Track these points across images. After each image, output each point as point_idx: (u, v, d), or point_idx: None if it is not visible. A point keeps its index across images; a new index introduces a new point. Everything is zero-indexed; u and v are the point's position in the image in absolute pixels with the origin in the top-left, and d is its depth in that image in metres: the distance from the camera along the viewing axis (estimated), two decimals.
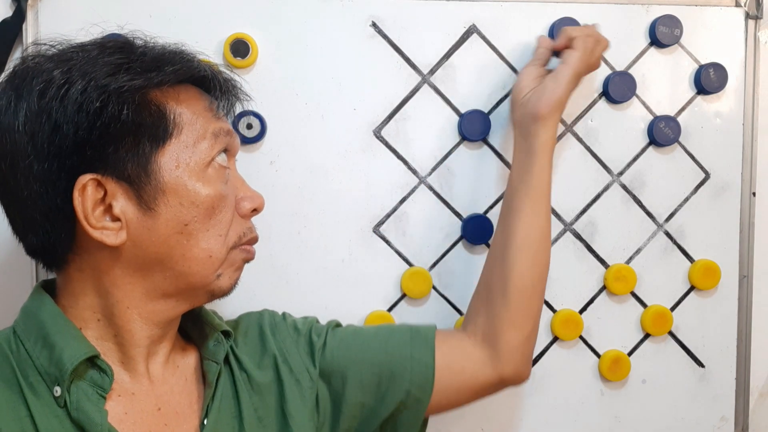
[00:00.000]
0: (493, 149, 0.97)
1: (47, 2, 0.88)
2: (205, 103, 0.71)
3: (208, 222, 0.68)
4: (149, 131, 0.65)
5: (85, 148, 0.63)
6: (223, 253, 0.69)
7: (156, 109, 0.66)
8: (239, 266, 0.73)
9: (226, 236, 0.69)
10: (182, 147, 0.67)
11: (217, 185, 0.68)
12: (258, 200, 0.73)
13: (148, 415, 0.69)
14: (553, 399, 1.01)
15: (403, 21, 0.94)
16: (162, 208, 0.66)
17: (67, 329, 0.66)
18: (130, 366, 0.70)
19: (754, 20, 1.01)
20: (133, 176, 0.65)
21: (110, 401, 0.67)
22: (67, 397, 0.64)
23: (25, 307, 0.70)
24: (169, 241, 0.66)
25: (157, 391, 0.71)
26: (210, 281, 0.69)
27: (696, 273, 1.01)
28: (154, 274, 0.68)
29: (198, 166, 0.67)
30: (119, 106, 0.63)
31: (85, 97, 0.63)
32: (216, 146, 0.69)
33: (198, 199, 0.67)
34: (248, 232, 0.73)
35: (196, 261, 0.68)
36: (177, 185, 0.66)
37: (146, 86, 0.65)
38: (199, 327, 0.76)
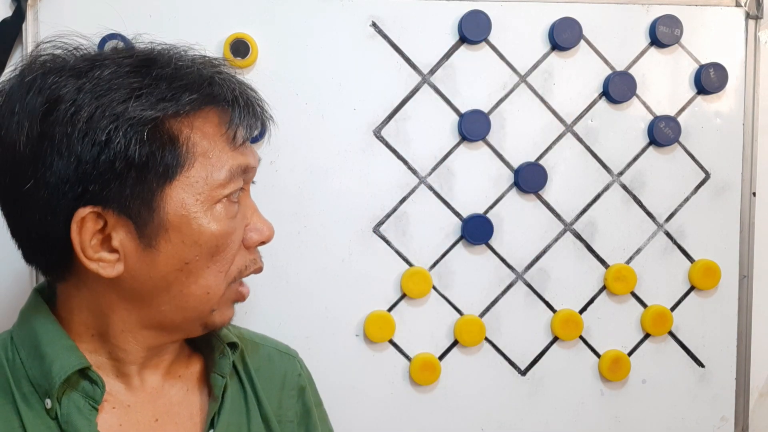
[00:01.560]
0: (493, 149, 0.97)
1: (47, 2, 0.88)
2: (223, 129, 0.64)
3: (210, 259, 0.64)
4: (157, 166, 0.60)
5: (87, 182, 0.59)
6: (222, 289, 0.66)
7: (168, 140, 0.61)
8: (230, 306, 0.70)
9: (227, 272, 0.66)
10: (192, 182, 0.62)
11: (223, 223, 0.64)
12: (266, 233, 0.69)
13: (144, 426, 0.68)
14: (553, 399, 1.01)
15: (403, 21, 0.94)
16: (163, 245, 0.62)
17: (60, 340, 0.65)
18: (125, 379, 0.68)
19: (754, 20, 1.01)
20: (135, 211, 0.61)
21: (104, 413, 0.66)
22: (58, 408, 0.63)
23: (22, 312, 0.70)
24: (168, 277, 0.63)
25: (155, 403, 0.69)
26: (205, 316, 0.67)
27: (696, 273, 1.01)
28: (151, 305, 0.65)
29: (207, 202, 0.63)
30: (127, 139, 0.58)
31: (91, 126, 0.58)
32: (231, 185, 0.64)
33: (201, 239, 0.63)
34: (251, 264, 0.69)
35: (193, 297, 0.65)
36: (180, 223, 0.62)
37: (159, 117, 0.60)
38: (205, 337, 0.74)
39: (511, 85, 0.97)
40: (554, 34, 0.96)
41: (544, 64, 0.97)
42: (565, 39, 0.96)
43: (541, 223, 0.99)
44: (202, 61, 0.65)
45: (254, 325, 0.90)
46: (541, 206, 0.99)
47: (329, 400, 0.90)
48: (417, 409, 0.98)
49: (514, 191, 0.98)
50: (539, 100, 0.98)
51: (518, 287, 0.99)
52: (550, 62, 0.97)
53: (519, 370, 1.00)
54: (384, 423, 0.97)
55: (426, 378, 0.97)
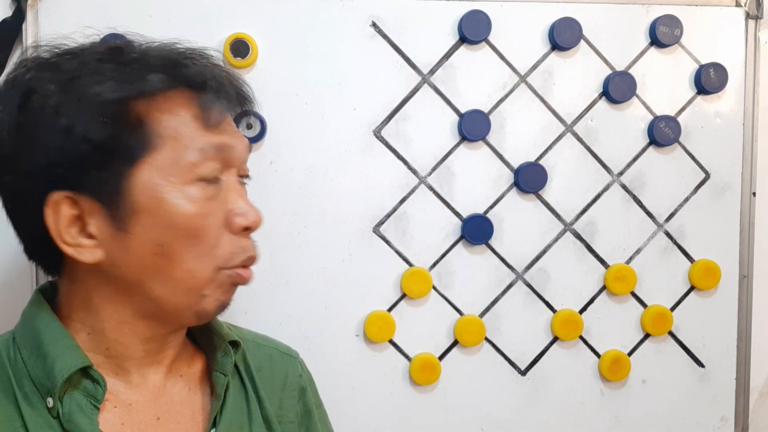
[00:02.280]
0: (493, 149, 0.97)
1: (47, 2, 0.88)
2: (194, 110, 0.64)
3: (188, 242, 0.63)
4: (124, 148, 0.61)
5: (57, 168, 0.61)
6: (208, 273, 0.64)
7: (134, 122, 0.61)
8: (228, 289, 0.67)
9: (212, 256, 0.64)
10: (161, 163, 0.62)
11: (197, 204, 0.63)
12: (251, 217, 0.66)
13: (146, 425, 0.68)
14: (553, 399, 1.01)
15: (403, 21, 0.94)
16: (136, 228, 0.62)
17: (62, 339, 0.65)
18: (125, 377, 0.68)
19: (754, 20, 1.01)
20: (106, 195, 0.61)
21: (106, 412, 0.66)
22: (60, 408, 0.63)
23: (24, 312, 0.70)
24: (145, 261, 0.63)
25: (156, 401, 0.69)
26: (193, 302, 0.65)
27: (696, 273, 1.01)
28: (138, 294, 0.65)
29: (178, 185, 0.62)
30: (89, 124, 0.59)
31: (58, 113, 0.60)
32: (204, 165, 0.63)
33: (174, 221, 0.62)
34: (242, 252, 0.66)
35: (177, 282, 0.64)
36: (151, 205, 0.62)
37: (126, 98, 0.61)
38: (208, 336, 0.74)
39: (511, 85, 0.97)
40: (554, 34, 0.96)
41: (544, 64, 0.97)
42: (565, 39, 0.96)
43: (541, 223, 0.99)
44: (176, 48, 0.66)
45: (254, 325, 0.90)
46: (541, 206, 0.99)
47: (329, 400, 0.90)
48: (417, 409, 0.98)
49: (514, 191, 0.98)
50: (539, 100, 0.98)
51: (518, 287, 0.99)
52: (550, 62, 0.97)
53: (519, 370, 1.00)
54: (384, 423, 0.97)
55: (426, 378, 0.97)
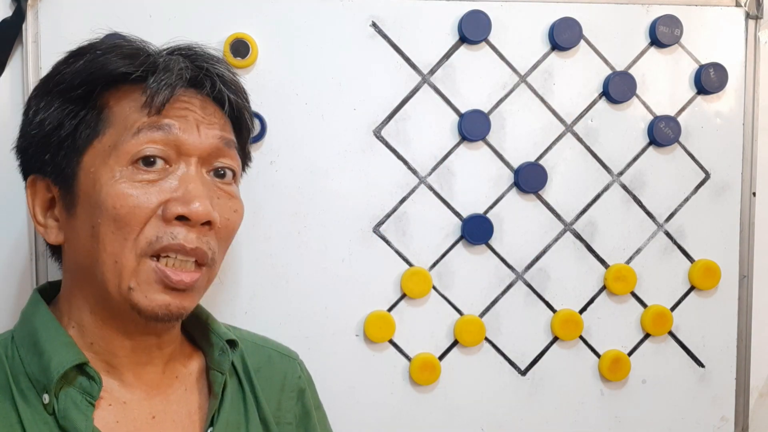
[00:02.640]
0: (493, 149, 0.97)
1: (47, 2, 0.88)
2: (141, 97, 0.64)
3: (113, 224, 0.62)
4: (77, 135, 0.65)
5: (27, 153, 0.68)
6: (130, 261, 0.63)
7: (90, 109, 0.65)
8: (159, 287, 0.64)
9: (135, 241, 0.63)
10: (103, 148, 0.64)
11: (125, 185, 0.63)
12: (193, 207, 0.63)
13: (141, 423, 0.68)
14: (553, 399, 1.01)
15: (403, 21, 0.94)
16: (79, 210, 0.65)
17: (58, 336, 0.66)
18: (118, 375, 0.68)
19: (754, 20, 1.01)
20: (62, 179, 0.66)
21: (101, 410, 0.66)
22: (56, 404, 0.63)
23: (23, 312, 0.71)
24: (86, 244, 0.64)
25: (152, 400, 0.70)
26: (124, 293, 0.63)
27: (696, 273, 1.01)
28: (89, 281, 0.66)
29: (113, 167, 0.63)
30: (48, 112, 0.65)
31: (30, 105, 0.68)
32: (138, 146, 0.63)
33: (101, 200, 0.63)
34: (165, 237, 0.63)
35: (104, 266, 0.63)
36: (88, 187, 0.64)
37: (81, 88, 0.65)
38: (205, 335, 0.75)
39: (511, 85, 0.97)
40: (554, 34, 0.96)
41: (544, 64, 0.97)
42: (565, 39, 0.96)
43: (541, 223, 0.99)
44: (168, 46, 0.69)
45: (254, 325, 0.90)
46: (541, 206, 0.99)
47: (329, 400, 0.90)
48: (417, 409, 0.98)
49: (514, 191, 0.98)
50: (539, 100, 0.98)
51: (518, 287, 0.99)
52: (550, 62, 0.97)
53: (519, 370, 1.00)
54: (384, 423, 0.97)
55: (426, 378, 0.97)
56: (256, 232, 0.93)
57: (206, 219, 0.64)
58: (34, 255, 0.89)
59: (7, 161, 0.75)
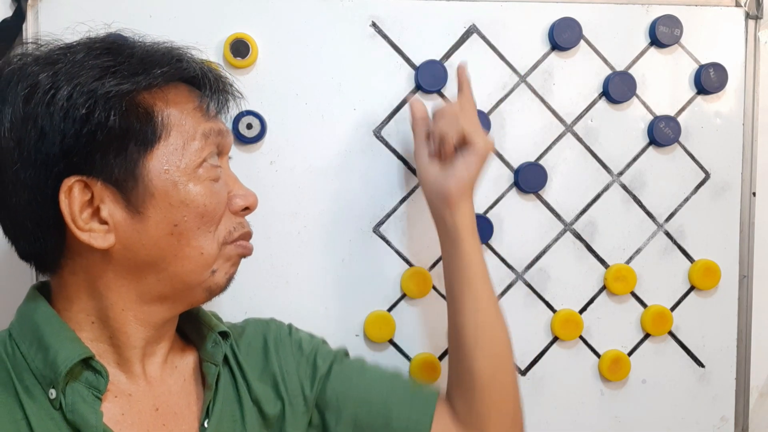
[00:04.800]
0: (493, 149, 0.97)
1: (47, 2, 0.88)
2: (195, 102, 0.69)
3: (199, 221, 0.67)
4: (137, 136, 0.64)
5: (71, 155, 0.63)
6: (215, 249, 0.69)
7: (144, 112, 0.65)
8: (235, 261, 0.72)
9: (216, 233, 0.69)
10: (171, 149, 0.66)
11: (207, 184, 0.68)
12: (250, 198, 0.73)
13: (145, 415, 0.69)
14: (553, 399, 1.01)
15: (403, 21, 0.94)
16: (151, 210, 0.65)
17: (62, 331, 0.66)
18: (126, 367, 0.69)
19: (754, 20, 1.01)
20: (121, 180, 0.64)
21: (107, 402, 0.67)
22: (63, 399, 0.63)
23: (20, 309, 0.70)
24: (160, 242, 0.66)
25: (155, 392, 0.71)
26: (205, 278, 0.69)
27: (696, 273, 1.01)
28: (148, 276, 0.67)
29: (188, 167, 0.67)
30: (106, 113, 0.62)
31: (71, 104, 0.62)
32: (206, 148, 0.68)
33: (188, 199, 0.66)
34: (239, 227, 0.72)
35: (188, 259, 0.67)
36: (166, 188, 0.65)
37: (134, 90, 0.64)
38: (197, 328, 0.76)
39: (511, 85, 0.97)
40: (554, 34, 0.96)
41: (544, 64, 0.97)
42: (565, 39, 0.96)
43: (541, 223, 0.99)
44: (169, 45, 0.70)
45: None
46: (541, 206, 0.99)
47: None
48: None
49: (514, 191, 0.98)
50: (539, 100, 0.98)
51: (518, 287, 0.99)
52: (550, 62, 0.97)
53: (519, 370, 1.00)
54: None
55: (426, 378, 0.97)
56: (256, 232, 0.92)
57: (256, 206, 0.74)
58: None
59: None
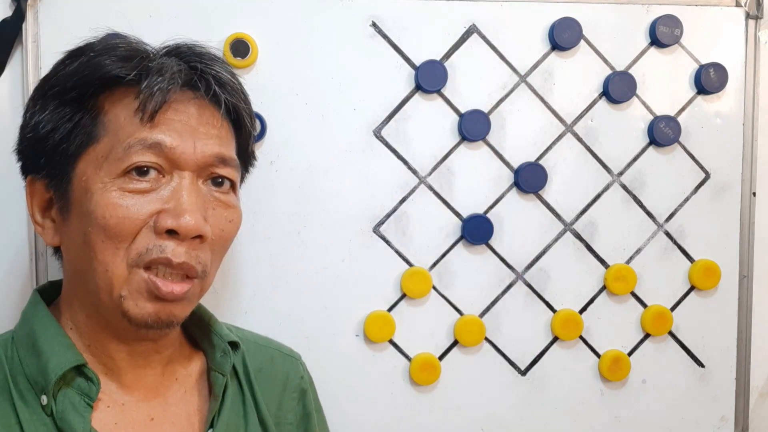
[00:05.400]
0: (493, 149, 0.97)
1: (47, 2, 0.88)
2: (134, 103, 0.63)
3: (102, 234, 0.62)
4: (71, 141, 0.64)
5: (24, 156, 0.68)
6: (121, 270, 0.62)
7: (85, 115, 0.64)
8: (149, 297, 0.63)
9: (125, 250, 0.62)
10: (96, 156, 0.63)
11: (114, 195, 0.62)
12: (183, 220, 0.61)
13: (139, 425, 0.68)
14: (553, 399, 1.01)
15: (403, 21, 0.94)
16: (73, 216, 0.65)
17: (56, 337, 0.66)
18: (115, 377, 0.68)
19: (754, 20, 1.01)
20: (57, 183, 0.66)
21: (99, 411, 0.66)
22: (54, 405, 0.63)
23: (23, 312, 0.70)
24: (79, 250, 0.64)
25: (150, 402, 0.69)
26: (114, 301, 0.63)
27: (696, 273, 1.01)
28: (83, 286, 0.66)
29: (106, 177, 0.62)
30: (43, 117, 0.65)
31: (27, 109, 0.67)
32: (128, 159, 0.62)
33: (92, 209, 0.62)
34: (155, 250, 0.62)
35: (96, 273, 0.63)
36: (81, 195, 0.63)
37: (75, 92, 0.63)
38: (207, 336, 0.75)
39: (511, 85, 0.97)
40: (554, 34, 0.96)
41: (544, 64, 0.97)
42: (565, 39, 0.96)
43: (541, 223, 0.99)
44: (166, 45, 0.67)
45: (254, 325, 0.90)
46: (541, 206, 0.99)
47: (329, 401, 0.90)
48: (417, 409, 0.98)
49: (514, 191, 0.98)
50: (539, 100, 0.98)
51: (518, 287, 0.99)
52: (550, 62, 0.97)
53: (519, 370, 1.00)
54: (384, 423, 0.97)
55: (426, 378, 0.97)
56: (256, 232, 0.93)
57: (196, 233, 0.62)
58: (34, 255, 0.89)
59: (8, 161, 0.75)
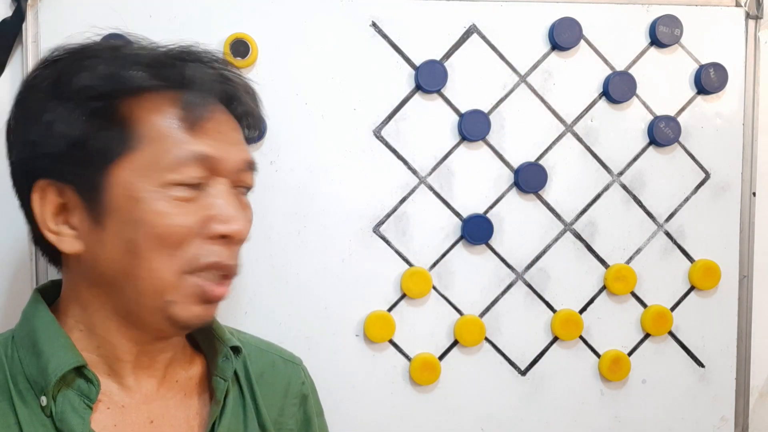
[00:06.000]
0: (493, 149, 0.97)
1: (47, 2, 0.88)
2: (180, 112, 0.63)
3: (155, 241, 0.62)
4: (102, 146, 0.62)
5: (41, 159, 0.63)
6: (172, 276, 0.63)
7: (117, 119, 0.62)
8: (197, 301, 0.64)
9: (176, 257, 0.63)
10: (140, 164, 0.62)
11: (168, 204, 0.62)
12: (234, 226, 0.64)
13: (139, 427, 0.67)
14: (553, 399, 1.01)
15: (403, 21, 0.94)
16: (110, 223, 0.62)
17: (57, 338, 0.65)
18: (118, 378, 0.68)
19: (754, 20, 1.01)
20: (85, 190, 0.63)
21: (99, 413, 0.66)
22: (53, 406, 0.63)
23: (24, 312, 0.70)
24: (117, 257, 0.63)
25: (150, 405, 0.69)
26: (161, 306, 0.63)
27: (696, 273, 1.01)
28: (116, 291, 0.65)
29: (155, 186, 0.62)
30: (70, 120, 0.61)
31: (43, 108, 0.62)
32: (183, 171, 0.62)
33: (144, 218, 0.61)
34: (209, 255, 0.64)
35: (142, 280, 0.63)
36: (127, 203, 0.62)
37: (106, 95, 0.62)
38: (209, 340, 0.74)
39: (511, 85, 0.97)
40: (554, 34, 0.96)
41: (544, 64, 0.97)
42: (565, 39, 0.96)
43: (541, 223, 0.99)
44: (171, 48, 0.66)
45: (254, 325, 0.90)
46: (541, 206, 0.99)
47: (329, 401, 0.90)
48: (417, 409, 0.98)
49: (514, 191, 0.98)
50: (539, 100, 0.98)
51: (518, 287, 0.99)
52: (550, 62, 0.97)
53: (519, 370, 1.00)
54: (384, 423, 0.97)
55: (426, 378, 0.97)
56: (256, 232, 0.93)
57: (244, 237, 0.65)
58: (34, 255, 0.89)
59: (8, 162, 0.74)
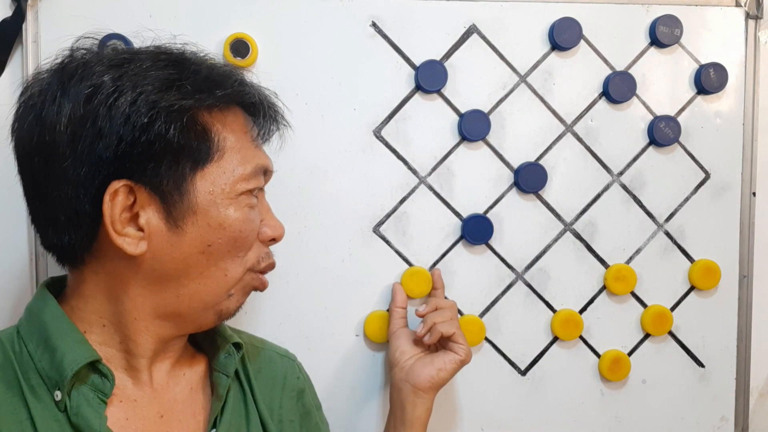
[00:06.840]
0: (493, 149, 0.97)
1: (47, 2, 0.88)
2: (249, 129, 0.71)
3: (231, 244, 0.68)
4: (191, 152, 0.65)
5: (125, 160, 0.63)
6: (239, 274, 0.70)
7: (201, 130, 0.66)
8: (248, 291, 0.73)
9: (245, 259, 0.70)
10: (220, 172, 0.67)
11: (245, 212, 0.69)
12: (279, 230, 0.74)
13: (149, 421, 0.69)
14: (553, 399, 1.01)
15: (403, 21, 0.94)
16: (189, 227, 0.66)
17: (70, 333, 0.66)
18: (133, 373, 0.69)
19: (754, 20, 1.01)
20: (167, 192, 0.65)
21: (112, 406, 0.66)
22: (68, 401, 0.63)
23: (29, 307, 0.70)
24: (189, 259, 0.67)
25: (160, 399, 0.70)
26: (221, 300, 0.70)
27: (696, 273, 1.01)
28: (168, 290, 0.68)
29: (232, 192, 0.68)
30: (167, 125, 0.63)
31: (134, 110, 0.62)
32: (252, 181, 0.70)
33: (226, 223, 0.67)
34: (266, 257, 0.74)
35: (211, 279, 0.68)
36: (208, 208, 0.66)
37: (196, 107, 0.65)
38: (210, 337, 0.76)
39: (511, 85, 0.97)
40: (554, 34, 0.96)
41: (544, 64, 0.97)
42: (565, 39, 0.96)
43: (541, 223, 0.99)
44: (229, 66, 0.72)
45: (254, 324, 0.90)
46: (541, 206, 0.99)
47: (329, 400, 0.90)
48: None
49: (514, 191, 0.98)
50: (539, 100, 0.98)
51: (518, 287, 0.99)
52: (550, 62, 0.97)
53: (519, 370, 1.00)
54: (384, 423, 0.97)
55: None
56: None
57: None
58: (34, 255, 0.89)
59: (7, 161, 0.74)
